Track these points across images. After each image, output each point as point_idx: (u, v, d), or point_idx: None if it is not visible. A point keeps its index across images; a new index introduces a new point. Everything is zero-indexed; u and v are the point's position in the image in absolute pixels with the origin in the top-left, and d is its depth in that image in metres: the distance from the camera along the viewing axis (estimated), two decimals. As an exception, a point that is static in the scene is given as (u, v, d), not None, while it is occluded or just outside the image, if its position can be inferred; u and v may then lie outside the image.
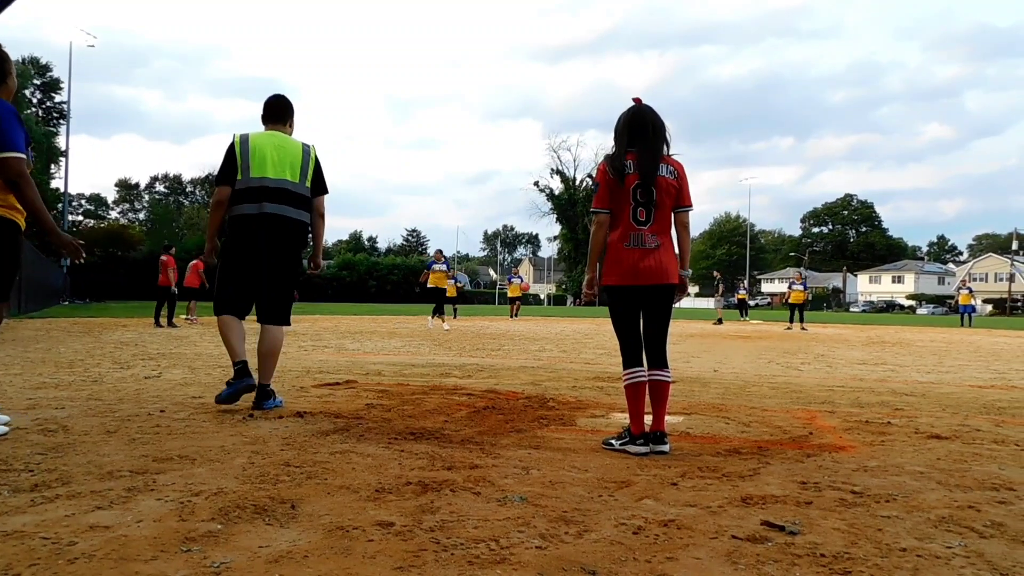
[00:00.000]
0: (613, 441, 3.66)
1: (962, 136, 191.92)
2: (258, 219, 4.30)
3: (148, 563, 1.98)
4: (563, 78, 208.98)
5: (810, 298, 24.08)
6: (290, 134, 4.61)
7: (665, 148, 3.68)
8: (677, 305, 3.89)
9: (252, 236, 4.32)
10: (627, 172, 3.58)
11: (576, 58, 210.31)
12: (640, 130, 3.63)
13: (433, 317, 17.11)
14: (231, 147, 4.38)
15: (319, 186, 4.56)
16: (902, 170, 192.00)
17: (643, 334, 3.71)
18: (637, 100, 3.73)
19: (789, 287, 23.11)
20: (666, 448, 3.53)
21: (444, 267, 17.79)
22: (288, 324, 4.72)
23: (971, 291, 28.26)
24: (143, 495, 2.62)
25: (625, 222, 3.62)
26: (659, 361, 3.67)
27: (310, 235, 4.76)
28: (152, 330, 13.92)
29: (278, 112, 4.58)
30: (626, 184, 3.58)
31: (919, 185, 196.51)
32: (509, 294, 28.59)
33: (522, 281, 28.79)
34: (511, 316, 26.29)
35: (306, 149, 4.51)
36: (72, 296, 38.58)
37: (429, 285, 17.36)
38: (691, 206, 3.70)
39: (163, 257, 16.33)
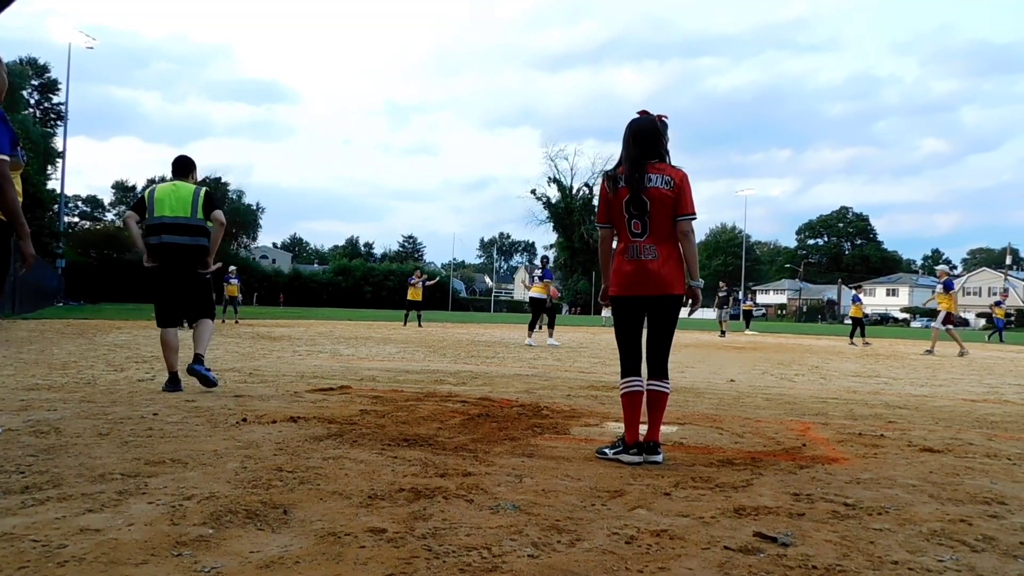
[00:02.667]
0: (607, 450, 3.66)
1: (958, 151, 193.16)
2: (161, 248, 5.60)
3: (139, 567, 1.97)
4: (562, 87, 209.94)
5: (866, 314, 22.45)
6: (193, 182, 5.87)
7: (666, 158, 3.68)
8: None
9: (162, 262, 5.62)
10: (620, 185, 3.61)
11: (576, 67, 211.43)
12: (633, 143, 3.65)
13: (532, 331, 14.92)
14: (142, 196, 5.77)
15: (212, 206, 5.70)
16: (898, 184, 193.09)
17: (646, 344, 3.72)
18: (642, 112, 3.73)
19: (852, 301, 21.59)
20: (659, 458, 3.53)
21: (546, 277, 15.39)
22: (212, 316, 5.97)
23: (1000, 304, 27.45)
24: (135, 498, 2.61)
25: (623, 235, 3.65)
26: (659, 371, 3.67)
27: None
28: (149, 332, 13.88)
29: (182, 169, 5.90)
30: (619, 197, 3.61)
31: (915, 199, 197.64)
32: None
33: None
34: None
35: (196, 191, 5.72)
36: (66, 298, 38.46)
37: (531, 295, 15.58)
38: (692, 214, 3.61)
39: None
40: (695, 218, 3.64)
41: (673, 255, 3.63)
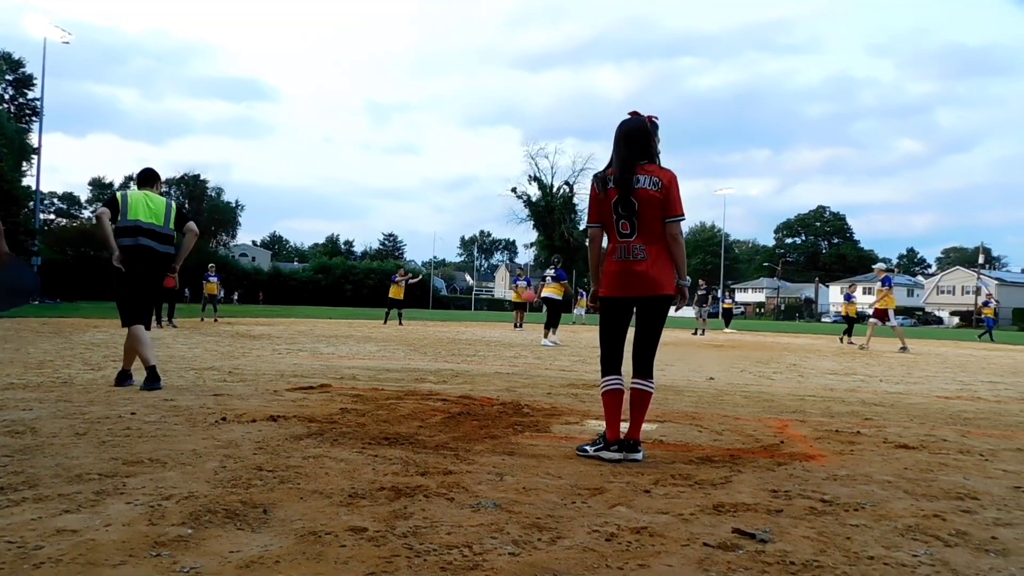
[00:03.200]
0: (588, 447, 3.68)
1: (933, 152, 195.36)
2: (134, 250, 5.77)
3: (116, 568, 1.95)
4: (543, 86, 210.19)
5: (859, 311, 21.40)
6: (157, 192, 6.16)
7: (656, 159, 3.69)
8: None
9: (134, 264, 5.77)
10: (609, 186, 3.62)
11: (556, 67, 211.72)
12: (622, 143, 3.66)
13: (549, 331, 14.38)
14: (115, 197, 5.92)
15: (184, 219, 6.08)
16: (875, 184, 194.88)
17: (633, 343, 3.73)
18: (633, 113, 3.74)
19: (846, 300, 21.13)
20: (639, 456, 3.56)
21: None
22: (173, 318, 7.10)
23: (988, 304, 27.84)
24: (112, 499, 2.59)
25: (612, 235, 3.67)
26: (644, 371, 3.69)
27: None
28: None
29: (148, 180, 6.20)
30: (608, 197, 3.62)
31: (891, 199, 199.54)
32: (514, 299, 24.58)
33: (528, 285, 23.68)
34: (515, 326, 22.29)
35: (168, 203, 6.05)
36: (43, 296, 37.93)
37: (546, 295, 15.07)
38: (680, 215, 3.62)
39: None
40: (683, 219, 3.65)
41: (663, 255, 3.63)
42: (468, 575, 2.00)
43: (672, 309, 3.76)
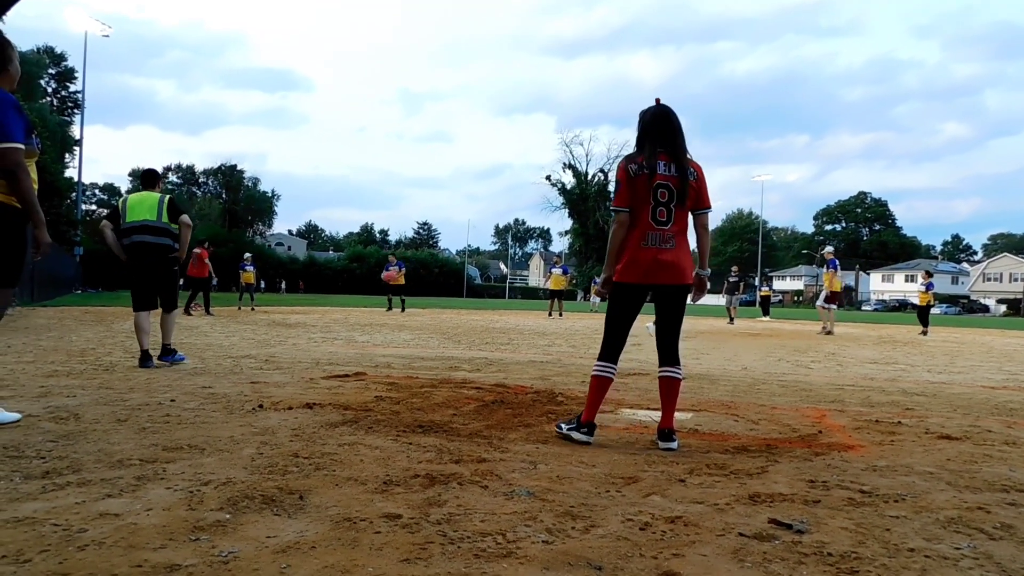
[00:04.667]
0: (563, 425, 3.75)
1: (979, 135, 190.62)
2: (132, 247, 6.50)
3: (157, 551, 1.99)
4: (577, 73, 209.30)
5: (933, 302, 20.41)
6: (159, 191, 6.76)
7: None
8: (689, 302, 3.88)
9: (133, 259, 6.50)
10: (658, 171, 3.56)
11: (590, 53, 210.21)
12: (670, 131, 3.62)
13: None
14: (116, 206, 6.72)
15: (176, 211, 6.63)
16: (917, 169, 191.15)
17: (657, 333, 3.73)
18: (658, 100, 3.71)
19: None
20: (674, 445, 3.54)
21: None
22: (176, 308, 6.93)
23: None
24: (152, 484, 2.64)
25: (644, 221, 3.60)
26: (671, 358, 3.69)
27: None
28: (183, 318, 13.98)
29: (149, 180, 6.84)
30: (650, 183, 3.56)
31: (934, 184, 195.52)
32: (550, 286, 23.25)
33: (565, 272, 23.11)
34: (549, 314, 22.15)
35: (160, 199, 6.63)
36: (84, 285, 38.81)
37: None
38: (710, 207, 3.71)
39: (197, 250, 17.37)
40: (711, 211, 3.73)
41: (686, 245, 3.68)
42: (501, 562, 2.00)
43: (688, 298, 3.75)
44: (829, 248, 17.57)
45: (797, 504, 2.64)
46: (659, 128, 3.63)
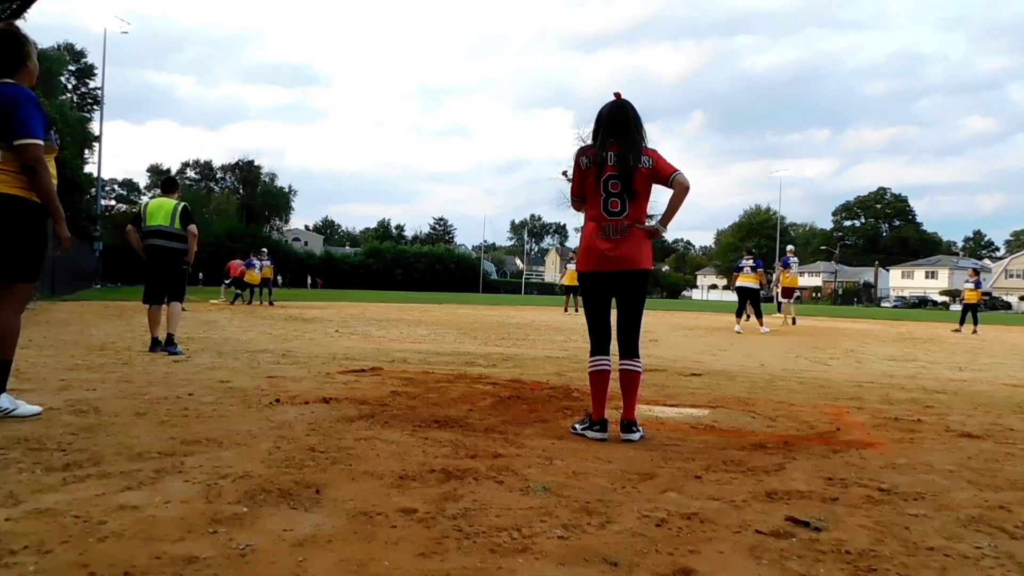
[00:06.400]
0: (577, 425, 3.76)
1: (1004, 129, 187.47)
2: (149, 248, 7.34)
3: (175, 543, 2.01)
4: (597, 67, 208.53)
5: (983, 299, 20.26)
6: (176, 198, 7.58)
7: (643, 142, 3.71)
8: (702, 297, 3.87)
9: (149, 258, 7.35)
10: (608, 163, 3.62)
11: (610, 47, 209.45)
12: (622, 123, 3.67)
13: (740, 319, 14.41)
14: (139, 210, 7.57)
15: (187, 220, 7.44)
16: (940, 164, 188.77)
17: (616, 322, 3.76)
18: (617, 95, 3.77)
19: (965, 285, 19.66)
20: (635, 436, 3.59)
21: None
22: (182, 300, 7.79)
23: None
24: (171, 477, 2.66)
25: (597, 212, 3.66)
26: (630, 351, 3.73)
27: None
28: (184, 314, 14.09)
29: (168, 187, 7.80)
30: (600, 175, 3.62)
31: (957, 179, 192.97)
32: (566, 282, 21.93)
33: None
34: (565, 310, 21.61)
35: (176, 206, 7.41)
36: (104, 280, 39.21)
37: (740, 284, 14.74)
38: (676, 170, 3.66)
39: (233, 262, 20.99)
40: (679, 172, 3.68)
41: (642, 233, 3.66)
42: (517, 557, 2.00)
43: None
44: (791, 247, 18.82)
45: (815, 501, 2.63)
46: (612, 120, 3.68)
